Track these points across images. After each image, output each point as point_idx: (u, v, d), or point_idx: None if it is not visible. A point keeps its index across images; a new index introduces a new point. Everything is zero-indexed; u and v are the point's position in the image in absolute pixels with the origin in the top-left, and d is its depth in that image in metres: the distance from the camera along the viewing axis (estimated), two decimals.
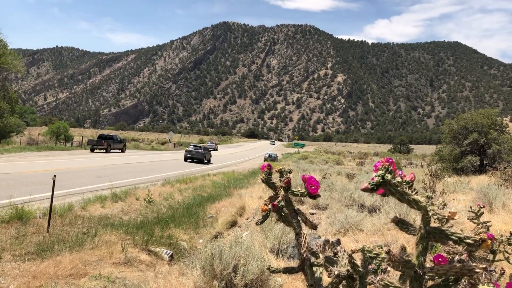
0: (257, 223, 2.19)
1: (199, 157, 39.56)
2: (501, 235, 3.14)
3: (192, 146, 41.90)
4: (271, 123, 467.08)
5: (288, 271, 2.13)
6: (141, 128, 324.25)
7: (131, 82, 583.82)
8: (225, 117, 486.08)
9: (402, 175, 1.47)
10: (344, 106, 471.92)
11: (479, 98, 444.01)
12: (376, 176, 1.39)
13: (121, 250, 9.30)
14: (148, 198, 15.11)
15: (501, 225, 9.27)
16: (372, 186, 1.37)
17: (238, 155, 57.99)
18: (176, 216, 13.53)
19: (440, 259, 1.51)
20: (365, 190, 1.39)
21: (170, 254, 10.01)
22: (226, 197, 18.23)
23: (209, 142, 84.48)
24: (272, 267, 2.24)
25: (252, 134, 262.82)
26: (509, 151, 32.54)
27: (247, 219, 13.70)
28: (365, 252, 1.52)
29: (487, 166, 31.75)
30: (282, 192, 2.10)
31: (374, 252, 1.52)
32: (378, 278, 1.59)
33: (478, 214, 2.70)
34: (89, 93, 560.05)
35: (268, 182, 2.14)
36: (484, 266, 1.42)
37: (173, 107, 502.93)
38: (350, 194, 13.18)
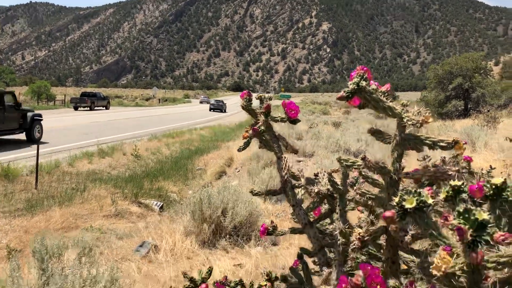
0: (238, 150, 2.21)
1: (220, 108, 54.54)
2: (482, 169, 3.21)
3: (214, 101, 60.72)
4: (257, 75, 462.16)
5: (271, 193, 2.17)
6: (124, 84, 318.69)
7: (111, 37, 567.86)
8: (210, 70, 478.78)
9: (377, 85, 1.47)
10: (329, 55, 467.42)
11: (464, 42, 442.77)
12: (351, 84, 1.39)
13: (111, 203, 9.38)
14: (136, 153, 15.11)
15: (483, 162, 9.51)
16: (347, 94, 1.37)
17: (227, 108, 57.76)
18: (165, 170, 13.60)
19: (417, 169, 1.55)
20: (340, 98, 1.39)
21: (160, 205, 10.12)
22: (214, 149, 18.31)
23: (202, 97, 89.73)
24: (254, 190, 2.27)
25: (238, 88, 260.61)
26: (492, 94, 32.89)
27: (236, 169, 13.85)
28: (342, 161, 1.55)
29: (471, 110, 32.13)
30: (262, 118, 2.10)
31: (350, 160, 1.55)
32: (355, 187, 1.63)
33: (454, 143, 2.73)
34: (68, 51, 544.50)
35: (248, 108, 2.14)
36: (457, 168, 1.45)
37: (155, 62, 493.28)
38: (336, 141, 13.32)
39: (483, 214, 0.94)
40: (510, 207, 1.05)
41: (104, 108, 45.99)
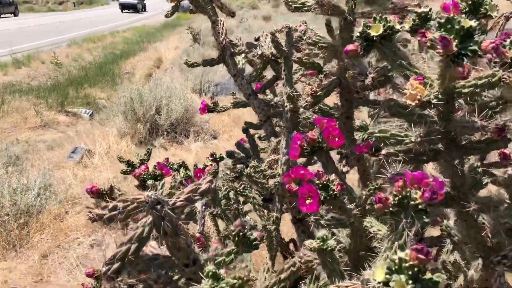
0: (166, 16, 1.94)
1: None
2: None
3: None
4: None
5: (208, 63, 1.96)
6: None
7: None
8: None
9: None
10: None
11: None
12: None
13: (36, 115, 8.76)
14: (56, 60, 14.00)
15: None
16: None
17: (148, 8, 54.13)
18: (90, 76, 12.82)
19: None
20: None
21: (90, 113, 9.61)
22: (141, 52, 17.36)
23: None
24: (190, 61, 2.05)
25: None
26: None
27: (166, 70, 13.29)
28: (290, 3, 1.34)
29: None
30: None
31: (299, 1, 1.35)
32: (305, 37, 1.45)
33: None
34: None
35: None
36: (417, 2, 1.30)
37: None
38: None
39: (468, 21, 0.79)
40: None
41: (12, 15, 41.79)
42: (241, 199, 2.17)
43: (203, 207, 1.54)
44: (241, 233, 0.95)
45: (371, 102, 1.44)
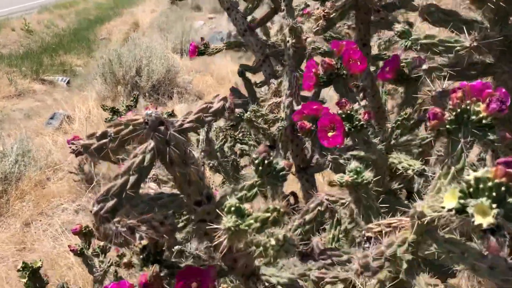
0: None
1: None
2: None
3: None
4: None
5: None
6: None
7: None
8: None
9: None
10: None
11: None
12: None
13: (9, 83, 8.37)
14: (27, 27, 13.38)
15: None
16: None
17: None
18: (64, 43, 12.31)
19: None
20: None
21: (67, 80, 9.24)
22: (117, 16, 16.74)
23: None
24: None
25: None
26: None
27: (143, 34, 12.83)
28: None
29: None
30: None
31: None
32: None
33: None
34: None
35: None
36: None
37: None
38: None
39: None
40: None
41: None
42: (238, 152, 2.00)
43: (202, 153, 1.36)
44: (266, 161, 0.78)
45: (393, 24, 1.25)
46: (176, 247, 0.95)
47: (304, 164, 1.83)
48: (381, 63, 1.50)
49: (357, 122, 1.01)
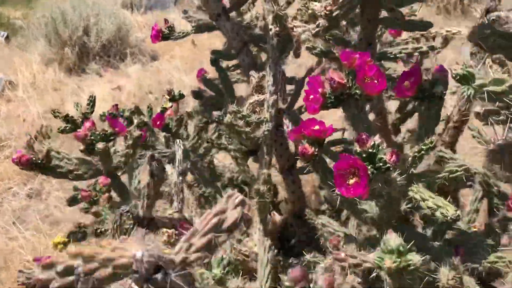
0: None
1: None
2: None
3: None
4: None
5: None
6: None
7: None
8: None
9: None
10: None
11: None
12: None
13: None
14: None
15: None
16: None
17: None
18: None
19: None
20: None
21: (5, 35, 8.44)
22: None
23: None
24: None
25: None
26: None
27: None
28: None
29: None
30: None
31: None
32: None
33: None
34: None
35: None
36: None
37: None
38: None
39: None
40: None
41: None
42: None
43: (180, 178, 1.14)
44: None
45: (412, 25, 1.03)
46: None
47: (289, 164, 1.65)
48: (386, 64, 1.29)
49: (381, 164, 0.82)
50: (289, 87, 2.00)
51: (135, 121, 1.67)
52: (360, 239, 1.13)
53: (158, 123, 1.63)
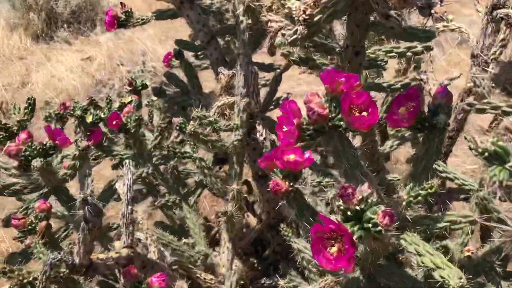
0: None
1: None
2: None
3: None
4: None
5: None
6: None
7: None
8: None
9: None
10: None
11: None
12: None
13: None
14: None
15: None
16: None
17: None
18: None
19: None
20: None
21: None
22: None
23: None
24: None
25: None
26: None
27: None
28: None
29: None
30: None
31: None
32: None
33: None
34: None
35: None
36: None
37: None
38: None
39: None
40: None
41: None
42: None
43: (129, 207, 0.96)
44: None
45: (412, 36, 0.84)
46: None
47: (264, 172, 1.47)
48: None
49: (371, 226, 0.65)
50: (265, 75, 1.80)
51: (89, 118, 1.47)
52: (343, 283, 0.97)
53: (114, 122, 1.42)
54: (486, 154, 0.47)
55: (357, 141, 1.10)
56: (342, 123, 0.74)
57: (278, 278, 1.32)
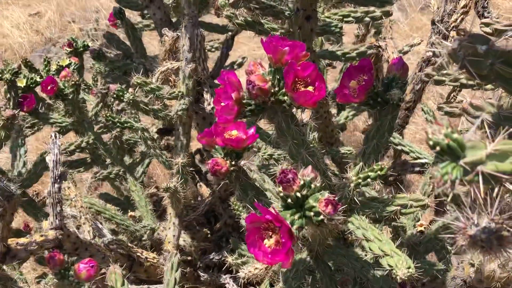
0: None
1: None
2: None
3: None
4: None
5: None
6: None
7: None
8: None
9: None
10: None
11: None
12: None
13: None
14: None
15: None
16: None
17: None
18: None
19: None
20: None
21: None
22: None
23: None
24: None
25: None
26: None
27: None
28: None
29: None
30: None
31: None
32: None
33: None
34: None
35: None
36: None
37: None
38: None
39: None
40: None
41: None
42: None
43: (56, 185, 0.87)
44: None
45: None
46: None
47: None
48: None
49: (312, 214, 0.58)
50: (216, 37, 1.69)
51: (22, 82, 1.33)
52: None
53: (49, 87, 1.29)
54: (438, 148, 0.40)
55: (307, 114, 1.03)
56: (286, 98, 0.66)
57: (227, 254, 1.27)
